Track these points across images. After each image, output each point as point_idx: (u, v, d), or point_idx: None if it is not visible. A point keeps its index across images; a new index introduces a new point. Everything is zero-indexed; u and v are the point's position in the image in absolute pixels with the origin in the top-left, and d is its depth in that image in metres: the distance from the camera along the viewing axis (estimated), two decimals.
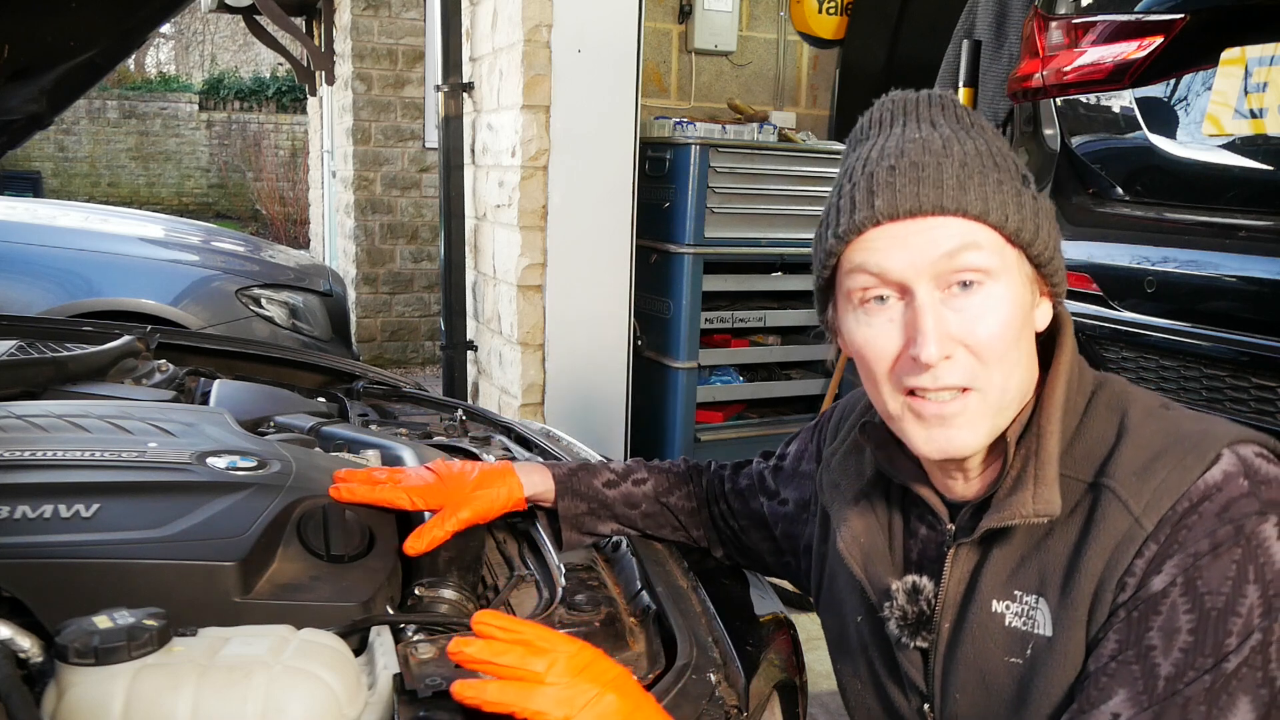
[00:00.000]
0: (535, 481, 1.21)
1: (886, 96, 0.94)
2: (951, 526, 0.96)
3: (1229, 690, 0.78)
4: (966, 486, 0.95)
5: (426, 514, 1.11)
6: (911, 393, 0.87)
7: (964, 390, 0.85)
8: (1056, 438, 0.88)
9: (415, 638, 0.92)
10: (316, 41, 7.49)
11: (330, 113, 7.41)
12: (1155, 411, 0.90)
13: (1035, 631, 0.88)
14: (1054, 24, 2.34)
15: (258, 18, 7.79)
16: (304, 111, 11.77)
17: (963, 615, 0.93)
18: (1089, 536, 0.85)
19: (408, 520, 1.14)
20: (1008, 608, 0.90)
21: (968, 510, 0.94)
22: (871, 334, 0.88)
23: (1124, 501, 0.84)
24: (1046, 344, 0.94)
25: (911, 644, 0.96)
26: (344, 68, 6.60)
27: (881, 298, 0.87)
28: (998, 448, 0.91)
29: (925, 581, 0.95)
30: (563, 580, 1.08)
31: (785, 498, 1.20)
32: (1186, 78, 2.02)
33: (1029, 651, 0.88)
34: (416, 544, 1.05)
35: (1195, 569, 0.79)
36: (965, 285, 0.84)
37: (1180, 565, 0.80)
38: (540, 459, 1.49)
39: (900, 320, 0.86)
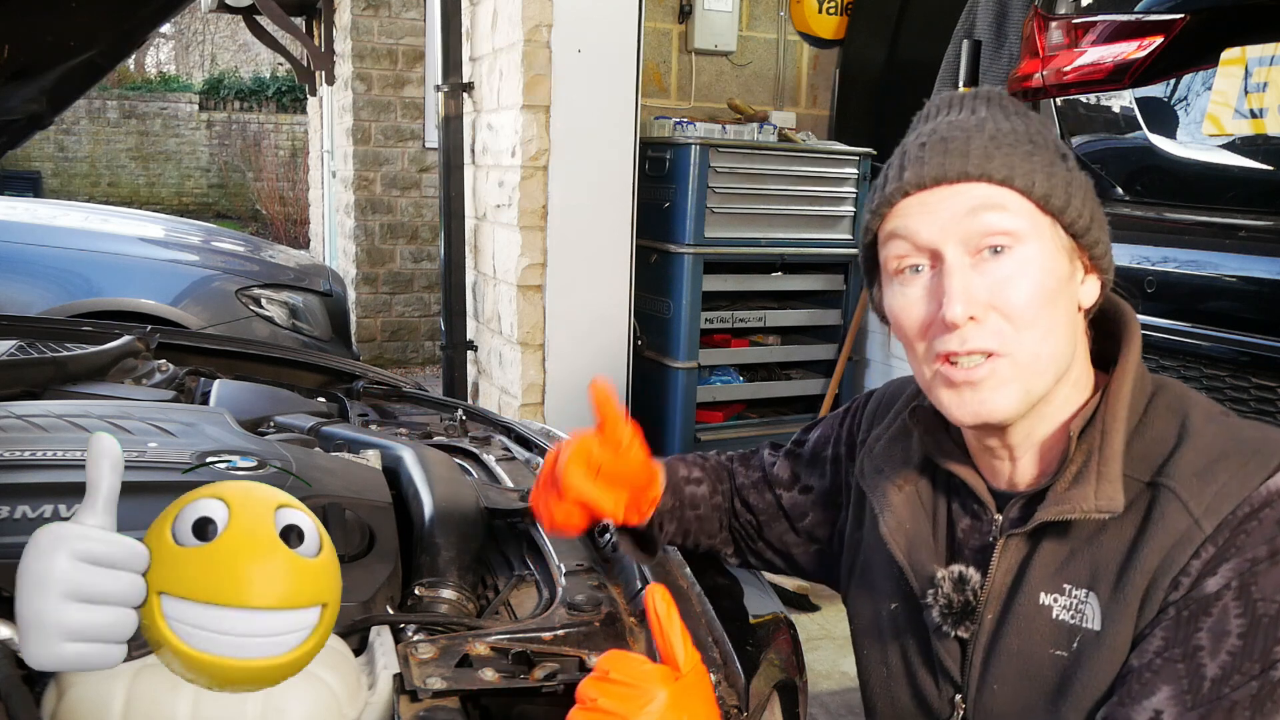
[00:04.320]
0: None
1: (939, 95, 0.96)
2: (998, 517, 0.95)
3: (1274, 698, 0.78)
4: (1014, 474, 0.95)
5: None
6: (945, 360, 0.88)
7: (991, 355, 0.86)
8: (1122, 435, 0.88)
9: (415, 638, 0.91)
10: (316, 41, 7.48)
11: (330, 113, 7.41)
12: (1216, 417, 0.90)
13: (1084, 625, 0.88)
14: (1054, 24, 2.34)
15: (258, 18, 7.79)
16: (304, 111, 11.77)
17: (1008, 606, 0.93)
18: (1146, 534, 0.85)
19: (408, 520, 1.14)
20: (1055, 600, 0.90)
21: (1017, 501, 0.94)
22: (905, 302, 0.90)
23: (1184, 502, 0.84)
24: (1110, 344, 0.94)
25: (952, 633, 0.96)
26: (344, 68, 6.60)
27: (916, 268, 0.89)
28: (1049, 437, 0.92)
29: (972, 571, 0.95)
30: (563, 580, 1.08)
31: (808, 485, 1.18)
32: (1186, 78, 2.02)
33: (1075, 645, 0.88)
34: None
35: (1251, 574, 0.80)
36: (996, 251, 0.86)
37: (1236, 569, 0.80)
38: (541, 460, 1.49)
39: (931, 286, 0.88)
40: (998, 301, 0.85)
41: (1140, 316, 0.97)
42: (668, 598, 0.78)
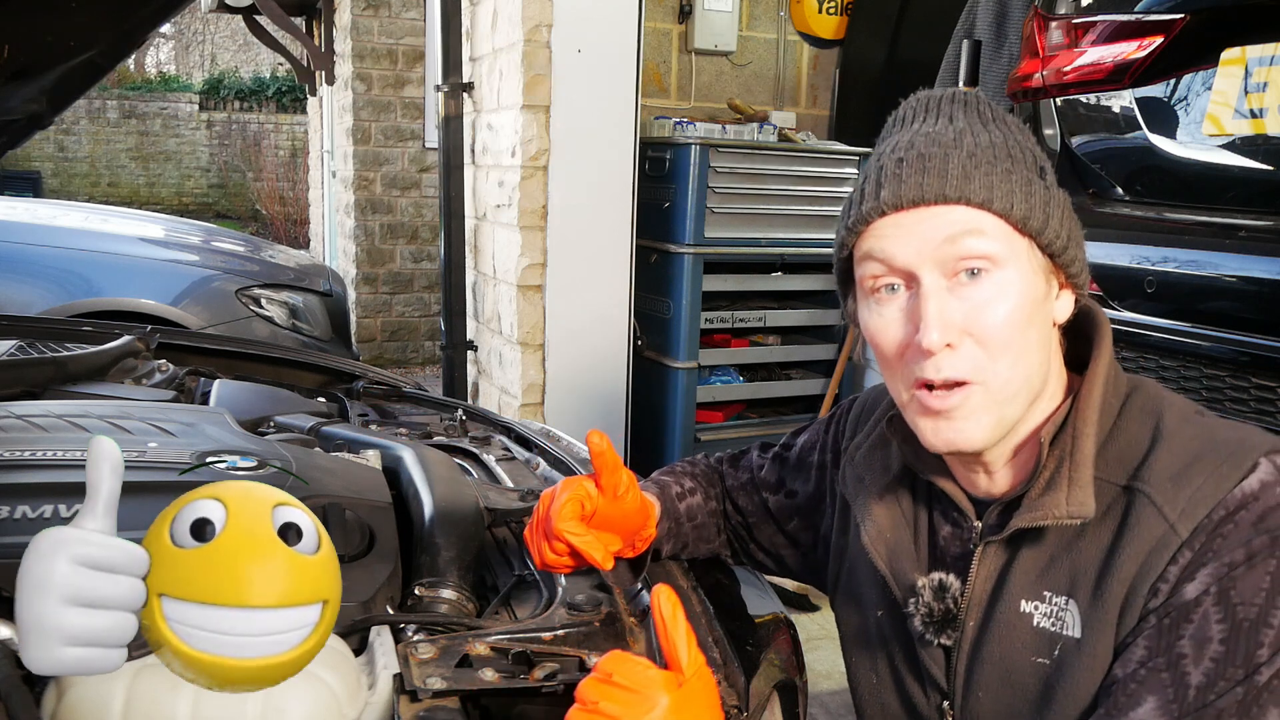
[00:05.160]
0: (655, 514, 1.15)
1: (914, 95, 0.94)
2: (978, 524, 0.95)
3: (1260, 703, 0.77)
4: (991, 483, 0.94)
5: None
6: (921, 386, 0.87)
7: (966, 384, 0.85)
8: (1092, 440, 0.88)
9: (415, 638, 0.92)
10: (316, 41, 7.48)
11: (330, 113, 7.41)
12: (1191, 418, 0.89)
13: (1064, 633, 0.87)
14: (1054, 24, 2.33)
15: (258, 18, 7.79)
16: (304, 111, 11.76)
17: (989, 614, 0.92)
18: (1122, 540, 0.84)
19: (408, 520, 1.14)
20: (1036, 608, 0.89)
21: (995, 508, 0.93)
22: (882, 323, 0.89)
23: (1159, 507, 0.83)
24: (1083, 344, 0.94)
25: (935, 641, 0.96)
26: (344, 68, 6.60)
27: (892, 287, 0.88)
28: (1023, 445, 0.91)
29: (952, 579, 0.95)
30: (563, 580, 1.08)
31: (793, 489, 1.18)
32: (1186, 78, 2.02)
33: (1057, 652, 0.88)
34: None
35: (1229, 579, 0.79)
36: (973, 274, 0.84)
37: (1214, 574, 0.79)
38: (542, 459, 1.49)
39: (908, 309, 0.87)
40: (973, 327, 0.84)
41: (1140, 316, 0.97)
42: (674, 599, 0.77)
